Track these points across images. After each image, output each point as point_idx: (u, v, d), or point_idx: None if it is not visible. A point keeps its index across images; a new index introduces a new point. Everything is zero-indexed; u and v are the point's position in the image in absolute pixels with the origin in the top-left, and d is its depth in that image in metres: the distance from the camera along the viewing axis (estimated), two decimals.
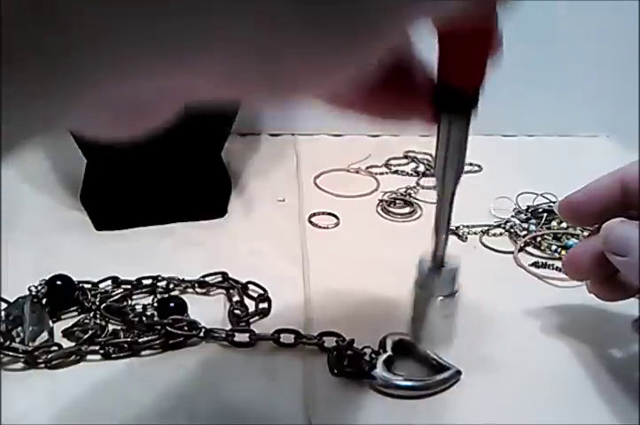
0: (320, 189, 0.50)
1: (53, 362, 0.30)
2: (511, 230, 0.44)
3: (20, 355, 0.30)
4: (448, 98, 0.22)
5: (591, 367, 0.31)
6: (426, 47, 0.20)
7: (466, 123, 0.23)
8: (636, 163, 0.30)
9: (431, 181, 0.52)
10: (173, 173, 0.43)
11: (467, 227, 0.44)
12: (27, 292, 0.33)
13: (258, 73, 0.13)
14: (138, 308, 0.34)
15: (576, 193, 0.31)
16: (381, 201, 0.48)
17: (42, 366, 0.30)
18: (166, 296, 0.35)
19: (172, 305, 0.33)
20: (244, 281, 0.36)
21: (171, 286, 0.36)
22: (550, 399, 0.29)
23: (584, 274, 0.31)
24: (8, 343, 0.30)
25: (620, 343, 0.33)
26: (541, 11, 0.55)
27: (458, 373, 0.30)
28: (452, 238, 0.43)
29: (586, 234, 0.40)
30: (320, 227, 0.44)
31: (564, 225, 0.44)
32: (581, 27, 0.56)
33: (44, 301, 0.33)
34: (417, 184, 0.51)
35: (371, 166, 0.54)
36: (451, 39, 0.20)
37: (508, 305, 0.36)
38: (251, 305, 0.35)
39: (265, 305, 0.35)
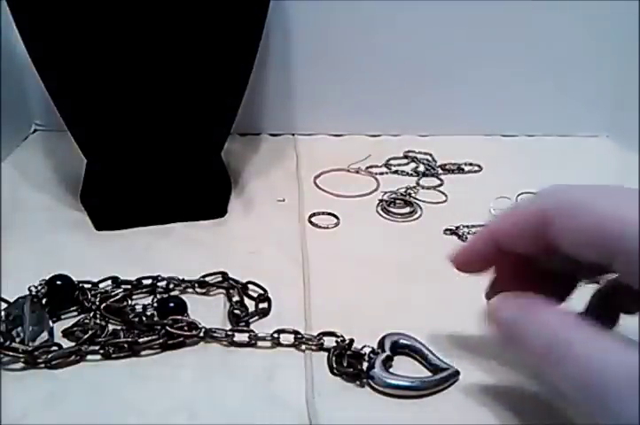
0: (320, 189, 0.50)
1: (53, 362, 0.30)
2: None
3: (20, 355, 0.30)
4: None
5: None
6: None
7: None
8: (501, 215, 0.28)
9: (431, 181, 0.52)
10: (173, 173, 0.43)
11: (467, 227, 0.44)
12: (27, 292, 0.33)
13: None
14: (138, 308, 0.34)
15: (461, 251, 0.29)
16: (381, 201, 0.48)
17: (42, 366, 0.30)
18: (166, 296, 0.35)
19: (172, 305, 0.33)
20: (244, 281, 0.36)
21: (171, 286, 0.36)
22: (550, 399, 0.29)
23: None
24: (8, 343, 0.30)
25: None
26: (541, 11, 0.55)
27: (457, 373, 0.30)
28: (452, 238, 0.43)
29: None
30: (320, 227, 0.44)
31: None
32: (581, 26, 0.56)
33: (44, 301, 0.33)
34: (417, 184, 0.51)
35: (371, 166, 0.54)
36: None
37: None
38: (251, 305, 0.35)
39: (265, 305, 0.35)
